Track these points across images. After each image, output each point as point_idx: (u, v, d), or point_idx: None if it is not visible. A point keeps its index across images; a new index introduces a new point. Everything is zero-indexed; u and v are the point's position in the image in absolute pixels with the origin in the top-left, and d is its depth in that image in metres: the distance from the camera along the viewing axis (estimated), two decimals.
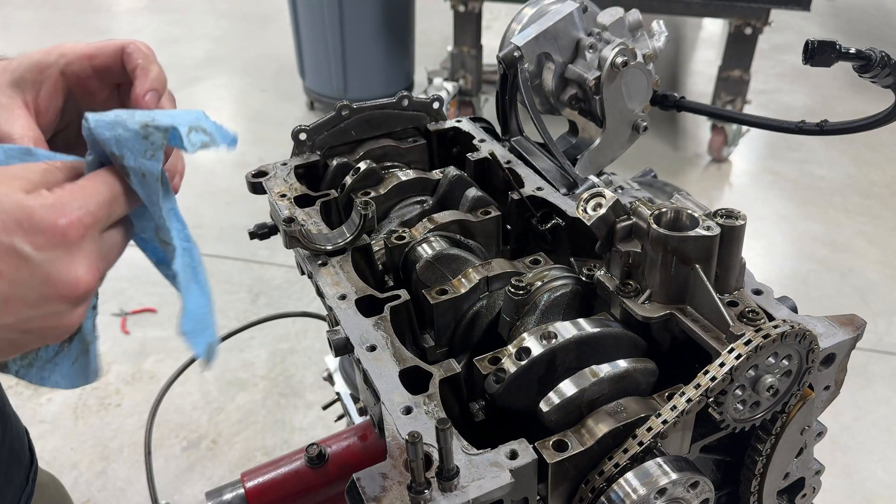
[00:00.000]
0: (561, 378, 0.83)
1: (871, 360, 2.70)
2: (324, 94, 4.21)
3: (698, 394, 0.78)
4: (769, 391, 0.83)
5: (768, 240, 3.42)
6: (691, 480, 0.80)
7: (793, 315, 0.89)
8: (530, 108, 1.19)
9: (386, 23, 4.02)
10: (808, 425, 0.93)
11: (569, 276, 0.98)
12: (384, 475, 0.73)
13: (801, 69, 4.69)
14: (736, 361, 0.77)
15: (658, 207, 0.87)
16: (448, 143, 1.38)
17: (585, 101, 1.23)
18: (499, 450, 0.75)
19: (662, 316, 0.87)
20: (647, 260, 0.87)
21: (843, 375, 0.93)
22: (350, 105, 1.28)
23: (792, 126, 1.13)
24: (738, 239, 0.86)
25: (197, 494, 2.35)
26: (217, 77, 4.81)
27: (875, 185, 3.80)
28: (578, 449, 0.78)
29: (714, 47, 5.18)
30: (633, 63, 1.16)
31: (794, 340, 0.80)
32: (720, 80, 3.78)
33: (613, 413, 0.81)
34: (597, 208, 0.90)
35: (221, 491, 1.01)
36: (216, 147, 0.72)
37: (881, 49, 0.97)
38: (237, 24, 5.67)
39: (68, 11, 5.87)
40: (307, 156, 1.26)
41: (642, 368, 0.85)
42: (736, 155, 4.01)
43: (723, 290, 0.88)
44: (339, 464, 0.98)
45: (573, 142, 1.30)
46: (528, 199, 1.17)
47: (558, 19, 1.17)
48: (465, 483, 0.71)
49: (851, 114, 1.13)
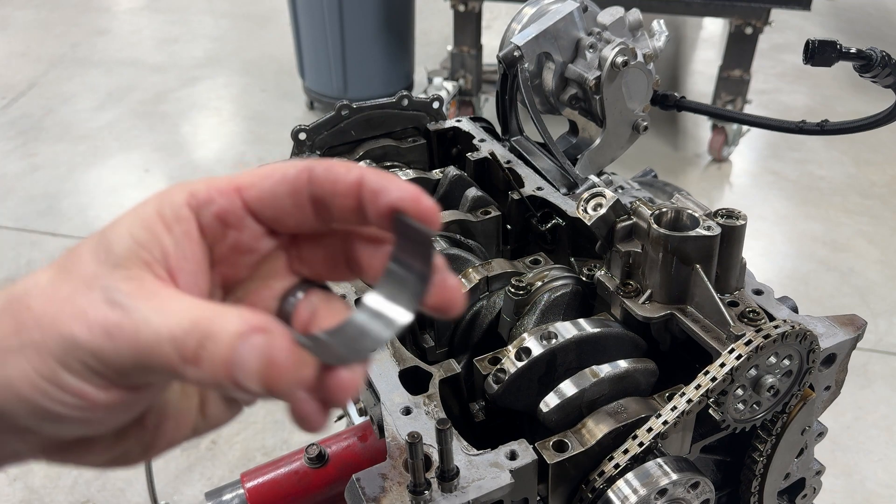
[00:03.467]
0: (561, 378, 0.83)
1: (871, 360, 2.69)
2: (323, 93, 4.20)
3: (699, 394, 0.78)
4: (770, 391, 0.83)
5: (768, 240, 3.41)
6: (692, 481, 0.79)
7: (793, 315, 0.89)
8: (530, 108, 1.19)
9: (386, 22, 4.02)
10: (809, 425, 0.92)
11: (569, 276, 0.98)
12: (384, 475, 0.73)
13: (801, 69, 4.69)
14: (736, 362, 0.77)
15: (658, 207, 0.87)
16: (448, 143, 1.38)
17: (585, 100, 1.23)
18: (499, 450, 0.75)
19: (663, 316, 0.87)
20: (647, 260, 0.87)
21: (844, 375, 0.93)
22: (350, 105, 1.28)
23: (793, 126, 1.13)
24: (738, 239, 0.86)
25: (196, 495, 2.35)
26: (217, 77, 4.81)
27: (875, 186, 3.80)
28: (579, 449, 0.78)
29: (714, 47, 5.18)
30: (633, 63, 1.16)
31: (795, 341, 0.80)
32: (720, 80, 3.78)
33: (614, 413, 0.81)
34: (597, 208, 0.90)
35: (221, 491, 1.00)
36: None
37: (882, 49, 0.97)
38: (237, 23, 5.67)
39: (68, 11, 5.87)
40: (307, 156, 1.26)
41: (643, 369, 0.85)
42: (736, 155, 4.01)
43: (723, 291, 0.88)
44: (339, 464, 0.98)
45: (573, 142, 1.30)
46: (529, 199, 1.17)
47: (558, 19, 1.17)
48: (465, 484, 0.71)
49: (852, 114, 1.13)
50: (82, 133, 4.15)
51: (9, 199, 3.60)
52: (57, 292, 0.45)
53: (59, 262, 0.48)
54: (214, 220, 0.49)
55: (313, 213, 0.49)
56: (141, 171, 3.84)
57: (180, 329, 0.42)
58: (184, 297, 0.45)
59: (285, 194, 0.49)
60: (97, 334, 0.43)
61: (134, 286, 0.45)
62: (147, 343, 0.42)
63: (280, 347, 0.42)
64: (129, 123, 4.24)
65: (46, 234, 3.35)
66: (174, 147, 4.07)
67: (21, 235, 3.35)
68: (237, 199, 0.49)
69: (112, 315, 0.43)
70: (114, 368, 0.44)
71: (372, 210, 0.47)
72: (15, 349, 0.44)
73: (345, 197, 0.48)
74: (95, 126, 4.21)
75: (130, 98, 4.47)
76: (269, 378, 0.42)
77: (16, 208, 3.53)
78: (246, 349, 0.42)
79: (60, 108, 4.40)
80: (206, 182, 0.50)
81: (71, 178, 3.77)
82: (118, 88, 4.58)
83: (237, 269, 0.51)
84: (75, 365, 0.43)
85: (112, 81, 4.68)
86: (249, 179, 0.50)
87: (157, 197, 0.49)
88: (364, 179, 0.47)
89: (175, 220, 0.48)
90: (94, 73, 4.81)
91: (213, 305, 0.44)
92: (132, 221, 0.47)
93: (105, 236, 0.47)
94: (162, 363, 0.43)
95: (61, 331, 0.43)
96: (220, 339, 0.42)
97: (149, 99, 4.45)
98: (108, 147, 4.03)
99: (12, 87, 4.63)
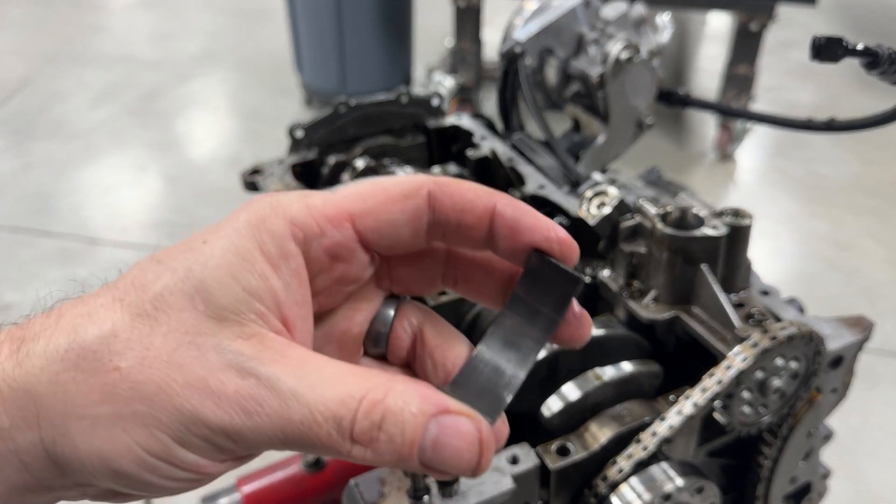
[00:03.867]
0: (564, 381, 0.82)
1: (878, 361, 2.67)
2: (321, 89, 4.18)
3: (704, 397, 0.76)
4: (776, 394, 0.81)
5: (774, 239, 3.39)
6: (697, 485, 0.78)
7: (800, 316, 0.88)
8: (531, 105, 1.17)
9: (385, 17, 4.00)
10: (815, 428, 0.91)
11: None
12: (382, 480, 0.72)
13: (807, 66, 4.66)
14: (742, 364, 0.76)
15: (663, 206, 0.86)
16: (448, 141, 1.36)
17: (588, 97, 1.21)
18: (500, 454, 0.73)
19: (667, 317, 0.85)
20: (651, 260, 0.86)
21: (851, 378, 0.92)
22: (348, 102, 1.26)
23: (799, 123, 1.11)
24: (744, 239, 0.85)
25: (192, 499, 2.33)
26: (212, 73, 4.79)
27: (882, 184, 3.77)
28: (582, 454, 0.76)
29: (719, 43, 5.15)
30: (637, 59, 1.14)
31: (802, 342, 0.78)
32: (726, 77, 3.76)
33: (617, 417, 0.80)
34: (601, 207, 0.88)
35: (217, 496, 1.00)
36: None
37: (889, 45, 0.95)
38: (233, 19, 5.65)
39: (62, 8, 5.85)
40: (304, 153, 1.24)
41: (647, 371, 0.84)
42: (742, 153, 3.98)
43: (729, 291, 0.86)
44: (336, 469, 0.97)
45: (576, 139, 1.29)
46: (531, 197, 1.15)
47: (561, 14, 1.15)
48: (466, 489, 0.70)
49: (859, 111, 1.11)
50: (77, 131, 4.14)
51: (2, 197, 3.60)
52: (155, 352, 0.38)
53: (134, 301, 0.39)
54: (323, 254, 0.42)
55: (427, 237, 0.44)
56: (136, 170, 3.83)
57: (342, 406, 0.37)
58: (325, 360, 0.40)
59: (405, 223, 0.43)
60: (231, 412, 0.37)
61: (256, 347, 0.38)
62: (300, 421, 0.37)
63: (467, 429, 0.38)
64: (124, 121, 4.23)
65: (41, 233, 3.35)
66: (170, 145, 4.06)
67: (15, 235, 3.35)
68: (351, 230, 0.42)
69: (245, 387, 0.37)
70: (247, 445, 0.39)
71: (506, 245, 0.43)
72: (107, 419, 0.37)
73: (472, 229, 0.43)
74: (90, 124, 4.20)
75: (125, 95, 4.46)
76: (470, 463, 0.38)
77: (9, 207, 3.52)
78: (435, 432, 0.37)
79: (54, 106, 4.38)
80: (307, 206, 0.42)
81: (65, 177, 3.76)
82: (113, 86, 4.57)
83: (334, 299, 0.45)
84: (196, 442, 0.38)
85: (107, 79, 4.66)
86: (363, 206, 0.42)
87: (249, 224, 0.41)
88: (498, 212, 0.42)
89: (281, 257, 0.40)
90: (89, 70, 4.80)
91: (371, 374, 0.39)
92: (231, 260, 0.39)
93: (194, 276, 0.39)
94: (317, 443, 0.38)
95: (178, 405, 0.37)
96: (404, 422, 0.37)
97: (144, 96, 4.44)
98: (102, 145, 4.02)
99: (5, 84, 4.62)
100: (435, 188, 0.43)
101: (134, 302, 0.39)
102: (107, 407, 0.37)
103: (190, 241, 0.41)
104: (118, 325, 0.38)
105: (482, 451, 0.38)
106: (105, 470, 0.38)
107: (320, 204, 0.42)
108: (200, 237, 0.41)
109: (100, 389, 0.37)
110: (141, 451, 0.38)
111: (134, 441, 0.37)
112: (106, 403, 0.37)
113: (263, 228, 0.40)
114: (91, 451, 0.37)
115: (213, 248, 0.40)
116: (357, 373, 0.39)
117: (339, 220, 0.42)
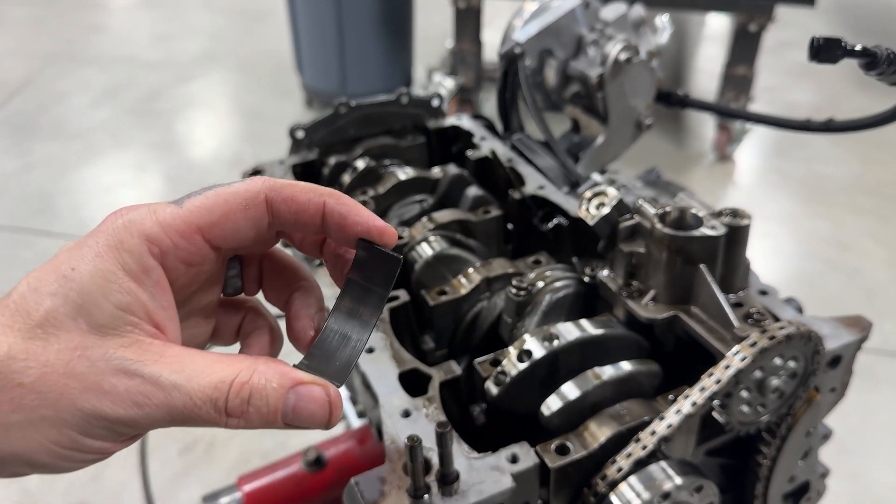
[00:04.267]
0: (563, 380, 0.82)
1: (877, 361, 2.68)
2: (322, 90, 4.18)
3: (703, 397, 0.76)
4: (774, 393, 0.81)
5: (773, 239, 3.39)
6: (696, 484, 0.78)
7: (798, 316, 0.88)
8: (531, 106, 1.18)
9: (385, 18, 4.00)
10: (814, 428, 0.91)
11: (571, 276, 0.96)
12: (383, 479, 0.72)
13: (806, 66, 4.66)
14: (741, 363, 0.76)
15: (662, 206, 0.86)
16: (448, 141, 1.37)
17: (588, 97, 1.22)
18: (500, 453, 0.74)
19: (666, 317, 0.85)
20: (650, 260, 0.86)
21: (849, 377, 0.92)
22: (348, 103, 1.27)
23: (798, 123, 1.11)
24: (743, 239, 0.85)
25: (193, 499, 2.33)
26: (213, 74, 4.79)
27: (882, 184, 3.77)
28: (581, 453, 0.77)
29: (718, 44, 5.15)
30: (636, 59, 1.14)
31: (800, 342, 0.79)
32: (725, 78, 3.76)
33: (617, 416, 0.80)
34: (600, 207, 0.89)
35: (218, 495, 1.00)
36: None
37: (887, 46, 0.96)
38: (233, 19, 5.65)
39: (62, 7, 5.85)
40: (305, 154, 1.24)
41: (646, 371, 0.84)
42: (741, 153, 3.99)
43: (728, 291, 0.87)
44: (337, 468, 0.97)
45: (575, 140, 1.29)
46: (530, 198, 1.16)
47: (561, 15, 1.15)
48: (466, 487, 0.70)
49: (857, 111, 1.11)
50: (77, 131, 4.13)
51: (2, 197, 3.60)
52: (52, 367, 0.45)
53: (22, 326, 0.46)
54: (179, 263, 0.50)
55: (268, 234, 0.53)
56: (136, 170, 3.83)
57: (216, 391, 0.46)
58: (196, 353, 0.48)
59: (248, 228, 0.51)
60: (125, 406, 0.45)
61: (137, 352, 0.46)
62: (182, 406, 0.45)
63: (318, 395, 0.48)
64: (125, 121, 4.23)
65: (41, 233, 3.35)
66: (170, 145, 4.06)
67: (15, 235, 3.34)
68: (201, 240, 0.50)
69: (133, 385, 0.45)
70: (142, 428, 0.47)
71: (337, 236, 0.53)
72: (19, 424, 0.44)
73: (307, 225, 0.52)
74: (90, 124, 4.20)
75: (126, 95, 4.46)
76: (323, 420, 0.48)
77: (10, 207, 3.52)
78: (293, 400, 0.47)
79: (55, 106, 4.38)
80: (159, 223, 0.49)
81: (66, 177, 3.76)
82: (113, 86, 4.57)
83: (192, 285, 0.54)
84: (99, 432, 0.46)
85: (107, 79, 4.66)
86: (209, 219, 0.50)
87: (109, 248, 0.47)
88: (328, 210, 0.52)
89: (143, 272, 0.48)
90: (89, 70, 4.79)
91: (237, 360, 0.48)
92: (100, 283, 0.46)
93: (72, 301, 0.46)
94: (199, 421, 0.46)
95: (80, 406, 0.45)
96: (267, 396, 0.47)
97: (144, 96, 4.44)
98: (103, 145, 4.02)
99: (6, 84, 4.62)
100: (271, 193, 0.51)
101: (23, 327, 0.45)
102: (18, 415, 0.44)
103: (58, 266, 0.47)
104: (14, 349, 0.45)
105: (332, 410, 0.48)
106: (23, 464, 0.46)
107: (170, 220, 0.49)
108: (67, 263, 0.47)
109: (9, 402, 0.44)
110: (53, 446, 0.45)
111: (46, 439, 0.45)
112: (16, 412, 0.44)
113: (123, 249, 0.47)
114: (9, 452, 0.45)
115: (82, 274, 0.46)
116: (225, 361, 0.48)
117: (190, 234, 0.49)
